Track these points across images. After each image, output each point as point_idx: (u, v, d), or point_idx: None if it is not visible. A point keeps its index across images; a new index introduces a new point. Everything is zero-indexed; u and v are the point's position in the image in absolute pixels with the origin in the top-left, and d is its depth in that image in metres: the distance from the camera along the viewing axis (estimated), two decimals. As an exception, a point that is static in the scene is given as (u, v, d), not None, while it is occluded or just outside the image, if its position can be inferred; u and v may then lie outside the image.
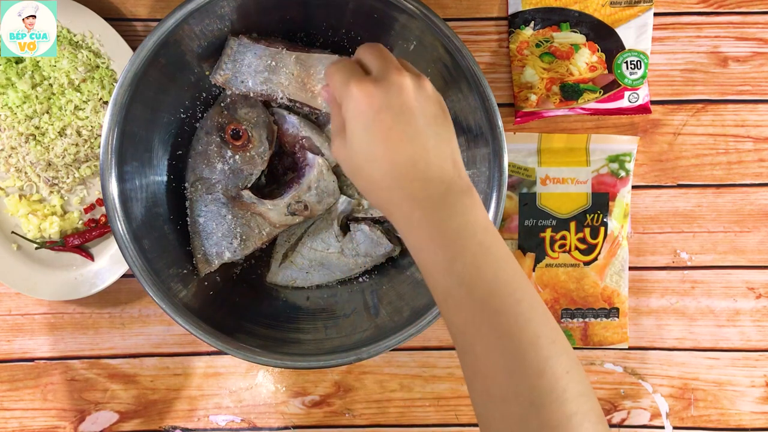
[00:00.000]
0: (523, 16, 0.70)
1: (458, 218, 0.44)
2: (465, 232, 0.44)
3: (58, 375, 0.73)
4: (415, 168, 0.45)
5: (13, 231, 0.70)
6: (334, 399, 0.74)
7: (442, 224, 0.44)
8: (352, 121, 0.46)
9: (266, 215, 0.64)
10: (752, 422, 0.74)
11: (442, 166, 0.46)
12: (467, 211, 0.45)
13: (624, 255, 0.72)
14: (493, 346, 0.42)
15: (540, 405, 0.41)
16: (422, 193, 0.45)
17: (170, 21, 0.56)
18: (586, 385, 0.43)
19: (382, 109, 0.45)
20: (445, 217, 0.44)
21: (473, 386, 0.44)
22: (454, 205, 0.45)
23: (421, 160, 0.45)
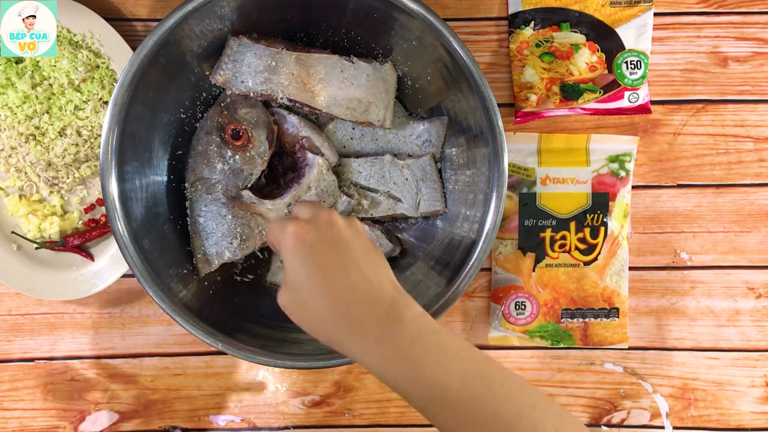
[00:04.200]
0: (523, 16, 0.70)
1: (410, 329, 0.46)
2: (421, 338, 0.46)
3: (58, 375, 0.73)
4: (356, 292, 0.47)
5: (13, 231, 0.70)
6: (334, 399, 0.74)
7: (398, 339, 0.46)
8: (289, 259, 0.48)
9: (266, 215, 0.64)
10: (752, 422, 0.74)
11: (382, 286, 0.48)
12: (416, 320, 0.47)
13: (624, 255, 0.72)
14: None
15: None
16: (368, 314, 0.46)
17: (170, 21, 0.56)
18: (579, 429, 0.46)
19: (316, 242, 0.48)
20: (398, 332, 0.46)
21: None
22: (403, 319, 0.46)
23: (360, 284, 0.47)
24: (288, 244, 0.48)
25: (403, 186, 0.67)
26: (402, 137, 0.68)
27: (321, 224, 0.49)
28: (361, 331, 0.46)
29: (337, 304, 0.47)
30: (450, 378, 0.45)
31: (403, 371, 0.45)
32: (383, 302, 0.47)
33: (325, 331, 0.48)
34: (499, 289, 0.72)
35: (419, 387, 0.45)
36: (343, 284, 0.47)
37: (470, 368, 0.46)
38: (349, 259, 0.48)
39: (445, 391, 0.45)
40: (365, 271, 0.48)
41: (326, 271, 0.47)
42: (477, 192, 0.63)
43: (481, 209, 0.62)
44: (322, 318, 0.47)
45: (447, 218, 0.67)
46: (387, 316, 0.46)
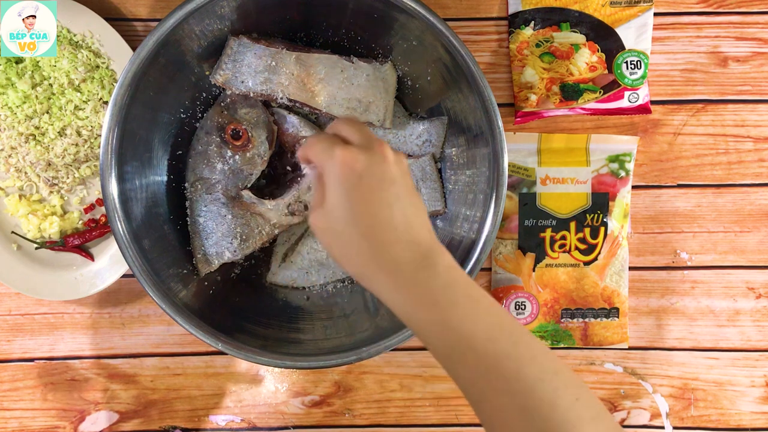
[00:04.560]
0: (523, 16, 0.70)
1: (443, 276, 0.46)
2: (452, 288, 0.45)
3: (58, 375, 0.73)
4: (395, 232, 0.46)
5: (13, 231, 0.70)
6: (334, 399, 0.74)
7: (429, 284, 0.45)
8: (333, 186, 0.46)
9: (266, 215, 0.64)
10: (752, 422, 0.74)
11: (420, 231, 0.47)
12: (449, 269, 0.46)
13: (624, 255, 0.72)
14: (502, 389, 0.44)
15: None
16: (403, 255, 0.46)
17: (170, 21, 0.56)
18: (599, 408, 0.44)
19: (365, 174, 0.46)
20: (430, 277, 0.45)
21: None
22: (436, 265, 0.46)
23: (400, 224, 0.46)
24: (335, 169, 0.46)
25: (403, 186, 0.67)
26: (402, 137, 0.68)
27: (373, 156, 0.47)
28: (393, 272, 0.45)
29: (374, 240, 0.46)
30: (477, 330, 0.44)
31: (430, 317, 0.45)
32: (420, 247, 0.46)
33: (357, 265, 0.47)
34: (499, 289, 0.72)
35: (445, 334, 0.45)
36: (384, 222, 0.46)
37: (498, 325, 0.45)
38: (394, 198, 0.46)
39: (471, 342, 0.44)
40: (407, 212, 0.47)
41: (369, 207, 0.46)
42: (477, 192, 0.63)
43: (481, 209, 0.62)
44: (357, 252, 0.46)
45: (447, 218, 0.67)
46: (422, 260, 0.45)
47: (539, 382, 0.43)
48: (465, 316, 0.44)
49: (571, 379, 0.45)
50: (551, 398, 0.43)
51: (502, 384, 0.43)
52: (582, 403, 0.43)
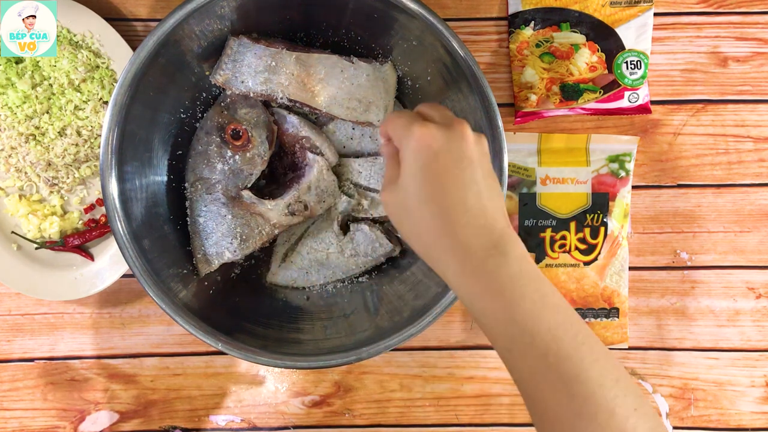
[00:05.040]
0: (523, 16, 0.70)
1: (513, 267, 0.44)
2: (521, 280, 0.44)
3: (58, 375, 0.73)
4: (468, 213, 0.45)
5: (13, 231, 0.70)
6: (334, 399, 0.74)
7: (498, 273, 0.44)
8: (409, 161, 0.46)
9: (266, 215, 0.64)
10: (752, 422, 0.74)
11: (495, 216, 0.46)
12: (521, 260, 0.45)
13: (624, 255, 0.72)
14: (560, 390, 0.42)
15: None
16: (475, 240, 0.44)
17: (170, 21, 0.56)
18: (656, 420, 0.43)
19: (442, 151, 0.45)
20: (500, 266, 0.44)
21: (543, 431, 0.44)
22: (508, 254, 0.44)
23: (474, 207, 0.45)
24: (412, 144, 0.45)
25: (403, 186, 0.67)
26: (402, 137, 0.68)
27: (452, 134, 0.46)
28: (462, 255, 0.44)
29: (446, 221, 0.44)
30: (542, 327, 0.43)
31: (494, 307, 0.44)
32: (493, 233, 0.45)
33: (425, 244, 0.46)
34: (499, 289, 0.72)
35: (508, 327, 0.43)
36: (457, 203, 0.45)
37: (564, 324, 0.44)
38: (470, 179, 0.45)
39: (534, 339, 0.43)
40: (483, 195, 0.45)
41: (444, 186, 0.45)
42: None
43: (481, 209, 0.62)
44: (426, 231, 0.45)
45: (447, 218, 0.67)
46: (493, 247, 0.44)
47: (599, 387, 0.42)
48: (531, 310, 0.43)
49: (631, 388, 0.43)
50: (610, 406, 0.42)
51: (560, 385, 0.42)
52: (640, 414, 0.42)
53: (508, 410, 0.74)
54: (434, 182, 0.45)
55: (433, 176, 0.45)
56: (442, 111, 0.48)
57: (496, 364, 0.74)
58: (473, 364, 0.74)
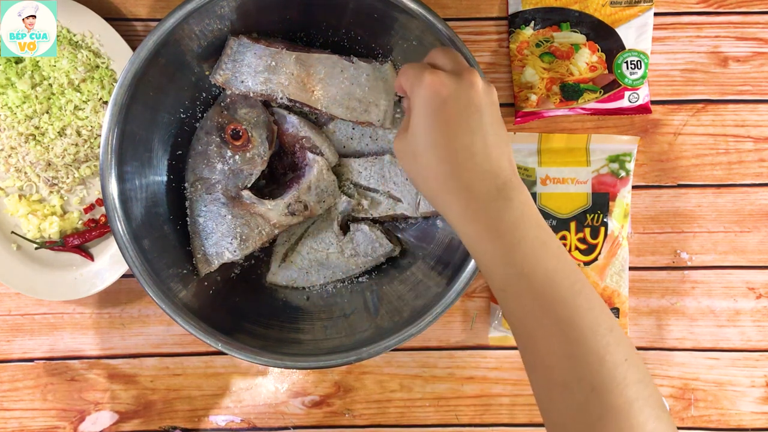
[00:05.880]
0: (523, 16, 0.70)
1: (515, 212, 0.45)
2: (522, 225, 0.45)
3: (58, 375, 0.73)
4: (474, 159, 0.46)
5: (13, 231, 0.70)
6: (334, 399, 0.74)
7: (499, 217, 0.45)
8: (418, 107, 0.47)
9: (266, 215, 0.64)
10: (752, 422, 0.74)
11: (500, 162, 0.47)
12: (523, 206, 0.46)
13: (624, 255, 0.72)
14: (554, 334, 0.43)
15: (601, 390, 0.42)
16: (479, 184, 0.46)
17: (170, 21, 0.56)
18: (645, 372, 0.44)
19: (451, 98, 0.46)
20: (502, 210, 0.45)
21: (534, 375, 0.45)
22: (511, 200, 0.45)
23: (480, 152, 0.46)
24: (422, 92, 0.47)
25: (402, 186, 0.67)
26: (402, 137, 0.68)
27: (461, 82, 0.47)
28: (466, 198, 0.45)
29: (451, 165, 0.46)
30: (540, 271, 0.44)
31: (494, 248, 0.45)
32: (497, 178, 0.46)
33: (431, 187, 0.47)
34: (499, 289, 0.72)
35: (506, 269, 0.45)
36: (463, 148, 0.46)
37: (561, 269, 0.45)
38: (477, 126, 0.46)
39: (531, 281, 0.44)
40: (489, 142, 0.47)
41: (451, 131, 0.46)
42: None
43: (481, 209, 0.62)
44: (433, 175, 0.47)
45: (447, 218, 0.67)
46: (497, 191, 0.45)
47: (592, 334, 0.43)
48: (529, 254, 0.44)
49: (623, 338, 0.44)
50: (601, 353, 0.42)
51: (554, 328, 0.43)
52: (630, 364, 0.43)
53: (508, 410, 0.74)
54: (442, 128, 0.46)
55: (441, 122, 0.46)
56: (454, 58, 0.49)
57: (496, 364, 0.74)
58: (473, 364, 0.74)
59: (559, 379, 0.43)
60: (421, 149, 0.47)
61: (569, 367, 0.43)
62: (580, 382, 0.42)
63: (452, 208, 0.47)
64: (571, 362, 0.43)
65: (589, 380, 0.42)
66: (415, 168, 0.48)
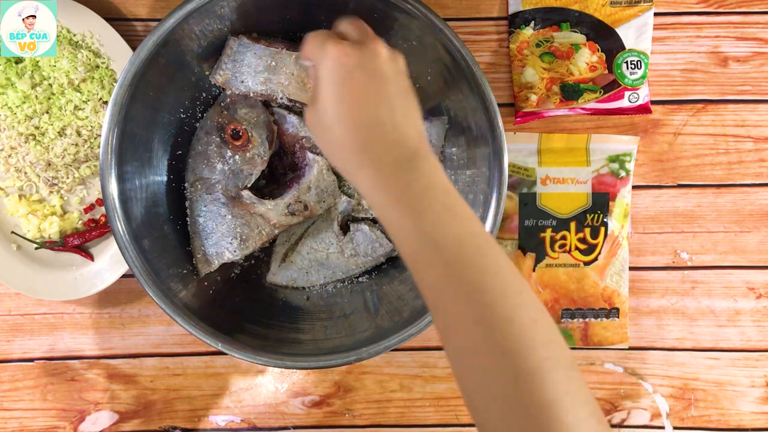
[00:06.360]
0: (523, 16, 0.70)
1: (423, 180, 0.45)
2: (430, 192, 0.45)
3: (58, 375, 0.73)
4: (382, 130, 0.46)
5: (13, 231, 0.70)
6: (334, 399, 0.74)
7: (408, 186, 0.45)
8: (324, 80, 0.47)
9: (266, 215, 0.64)
10: (752, 422, 0.74)
11: (408, 132, 0.47)
12: (431, 174, 0.46)
13: (624, 255, 0.72)
14: (462, 299, 0.43)
15: (511, 352, 0.41)
16: (388, 155, 0.46)
17: (170, 21, 0.56)
18: (556, 333, 0.44)
19: (356, 68, 0.46)
20: (411, 180, 0.45)
21: (447, 342, 0.45)
22: (419, 169, 0.46)
23: (388, 123, 0.46)
24: (326, 64, 0.46)
25: (403, 186, 0.67)
26: (402, 137, 0.68)
27: (365, 52, 0.47)
28: (374, 169, 0.46)
29: (359, 136, 0.46)
30: (447, 237, 0.44)
31: (403, 217, 0.45)
32: (405, 147, 0.46)
33: (341, 159, 0.47)
34: (499, 289, 0.72)
35: (414, 236, 0.45)
36: (370, 118, 0.46)
37: (469, 235, 0.45)
38: (384, 96, 0.46)
39: (438, 248, 0.44)
40: (396, 111, 0.47)
41: (357, 102, 0.46)
42: (477, 192, 0.63)
43: (481, 209, 0.62)
44: (342, 146, 0.47)
45: (447, 218, 0.67)
46: (405, 161, 0.46)
47: (500, 297, 0.43)
48: (437, 221, 0.44)
49: (532, 300, 0.44)
50: (509, 315, 0.42)
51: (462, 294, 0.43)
52: (539, 326, 0.43)
53: (508, 410, 0.74)
54: (348, 99, 0.46)
55: (347, 93, 0.46)
56: (359, 28, 0.49)
57: (496, 364, 0.74)
58: (473, 364, 0.74)
59: (470, 345, 0.43)
60: (329, 121, 0.47)
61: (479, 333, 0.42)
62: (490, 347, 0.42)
63: (362, 179, 0.46)
64: (480, 327, 0.42)
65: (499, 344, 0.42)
66: (325, 140, 0.48)
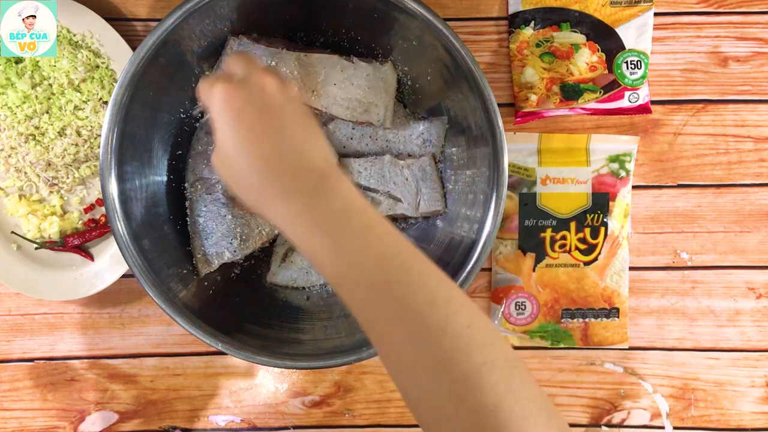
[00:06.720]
0: (523, 16, 0.70)
1: (336, 203, 0.45)
2: (346, 213, 0.45)
3: (58, 375, 0.73)
4: (284, 160, 0.45)
5: (13, 231, 0.70)
6: (334, 399, 0.74)
7: (321, 211, 0.45)
8: (218, 122, 0.46)
9: (266, 215, 0.64)
10: (752, 422, 0.74)
11: (312, 157, 0.46)
12: (343, 195, 0.45)
13: (624, 255, 0.72)
14: (392, 317, 0.43)
15: (447, 362, 0.41)
16: (295, 184, 0.45)
17: (170, 21, 0.56)
18: (493, 335, 0.43)
19: (246, 104, 0.45)
20: (323, 204, 0.45)
21: (385, 361, 0.44)
22: (330, 192, 0.45)
23: (289, 152, 0.45)
24: (216, 105, 0.46)
25: (403, 186, 0.67)
26: (402, 137, 0.68)
27: (252, 86, 0.46)
28: (286, 201, 0.45)
29: (263, 171, 0.45)
30: (367, 257, 0.43)
31: (321, 244, 0.44)
32: (312, 173, 0.45)
33: (252, 198, 0.47)
34: (499, 289, 0.72)
35: (336, 262, 0.44)
36: (271, 151, 0.45)
37: (390, 251, 0.44)
38: (279, 126, 0.46)
39: (361, 269, 0.43)
40: (296, 139, 0.46)
41: (254, 137, 0.45)
42: (477, 192, 0.63)
43: (481, 209, 0.62)
44: (250, 184, 0.46)
45: (447, 218, 0.67)
46: (314, 187, 0.45)
47: (430, 308, 0.42)
48: (356, 243, 0.44)
49: (464, 305, 0.44)
50: (441, 325, 0.42)
51: (391, 311, 0.43)
52: (474, 329, 0.42)
53: (508, 410, 0.74)
54: (245, 137, 0.45)
55: (242, 131, 0.45)
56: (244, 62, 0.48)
57: (496, 364, 0.74)
58: (473, 364, 0.74)
59: (406, 360, 0.42)
60: (232, 162, 0.46)
61: (413, 348, 0.42)
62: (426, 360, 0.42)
63: (276, 212, 0.46)
64: (413, 342, 0.42)
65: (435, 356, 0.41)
66: (232, 181, 0.47)
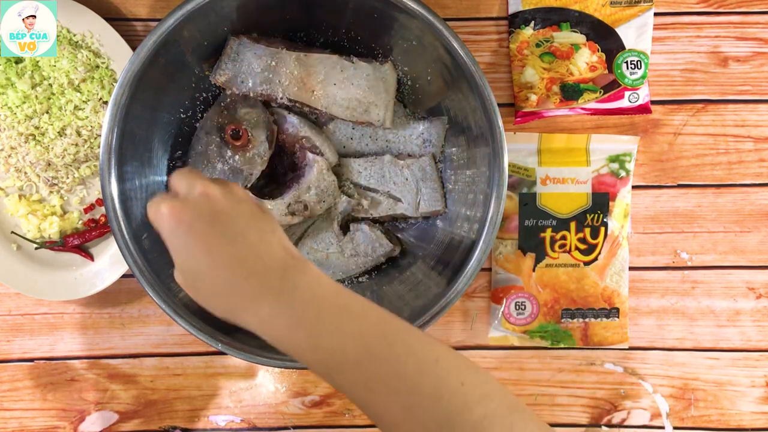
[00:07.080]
0: (523, 16, 0.70)
1: (305, 295, 0.44)
2: (315, 304, 0.44)
3: (58, 375, 0.73)
4: (245, 265, 0.44)
5: (13, 231, 0.69)
6: (334, 399, 0.74)
7: (291, 306, 0.44)
8: (172, 242, 0.45)
9: (266, 215, 0.64)
10: (752, 422, 0.74)
11: (272, 254, 0.45)
12: (312, 283, 0.45)
13: (624, 255, 0.72)
14: (384, 394, 0.43)
15: (447, 424, 0.41)
16: (261, 287, 0.44)
17: (170, 21, 0.56)
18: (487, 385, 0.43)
19: (194, 219, 0.45)
20: (292, 300, 0.44)
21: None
22: (296, 286, 0.44)
23: (248, 256, 0.45)
24: (166, 226, 0.45)
25: (402, 186, 0.67)
26: (402, 137, 0.68)
27: (197, 198, 0.45)
28: (257, 306, 0.44)
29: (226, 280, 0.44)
30: (348, 341, 0.43)
31: (300, 340, 0.44)
32: (274, 271, 0.44)
33: (221, 308, 0.46)
34: (499, 289, 0.72)
35: (318, 354, 0.44)
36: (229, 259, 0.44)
37: (369, 329, 0.44)
38: (232, 232, 0.45)
39: (344, 354, 0.43)
40: (251, 240, 0.45)
41: (209, 249, 0.44)
42: (477, 192, 0.63)
43: (481, 209, 0.62)
44: (215, 295, 0.45)
45: (447, 218, 0.67)
46: (280, 285, 0.44)
47: (419, 376, 0.42)
48: (333, 330, 0.43)
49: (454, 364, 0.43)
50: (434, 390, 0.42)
51: (382, 388, 0.43)
52: (468, 386, 0.42)
53: (508, 410, 0.74)
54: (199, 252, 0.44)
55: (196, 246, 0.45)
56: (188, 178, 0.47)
57: (497, 364, 0.74)
58: (473, 364, 0.74)
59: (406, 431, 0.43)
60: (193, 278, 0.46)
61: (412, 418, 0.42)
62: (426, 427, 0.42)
63: (248, 320, 0.45)
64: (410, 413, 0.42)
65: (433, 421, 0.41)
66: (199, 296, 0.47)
